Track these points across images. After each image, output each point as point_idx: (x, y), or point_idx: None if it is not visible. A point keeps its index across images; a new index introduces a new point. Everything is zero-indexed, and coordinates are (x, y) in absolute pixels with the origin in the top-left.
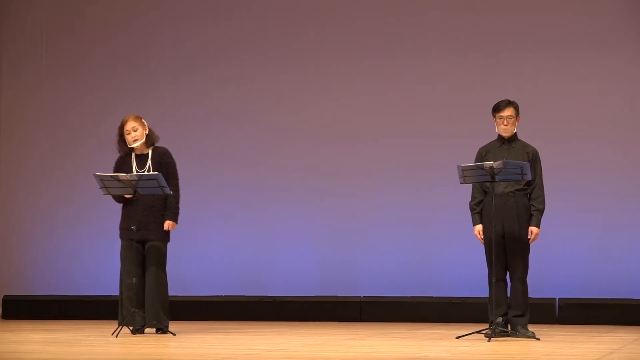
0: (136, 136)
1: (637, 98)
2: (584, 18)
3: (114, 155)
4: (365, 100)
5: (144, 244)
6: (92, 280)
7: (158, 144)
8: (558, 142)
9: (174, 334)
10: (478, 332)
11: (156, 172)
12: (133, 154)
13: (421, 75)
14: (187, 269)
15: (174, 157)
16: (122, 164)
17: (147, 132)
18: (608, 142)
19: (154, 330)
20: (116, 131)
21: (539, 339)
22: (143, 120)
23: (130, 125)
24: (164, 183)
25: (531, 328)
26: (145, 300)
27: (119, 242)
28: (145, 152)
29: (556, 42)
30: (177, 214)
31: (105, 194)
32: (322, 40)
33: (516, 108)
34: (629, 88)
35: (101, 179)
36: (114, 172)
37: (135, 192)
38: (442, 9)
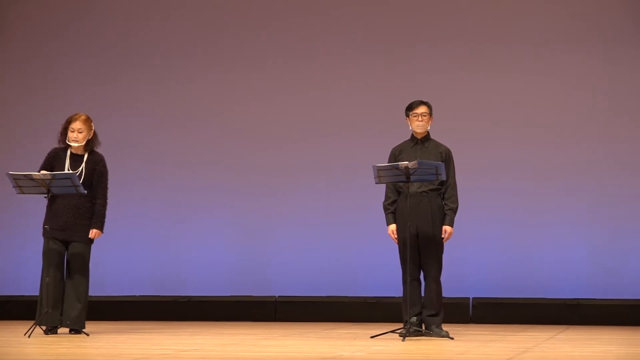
0: (78, 137)
1: (550, 97)
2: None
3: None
4: (280, 101)
5: (68, 244)
6: (7, 280)
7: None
8: (472, 142)
9: (88, 334)
10: (392, 331)
11: (70, 172)
12: (69, 152)
13: (335, 75)
14: (101, 269)
15: (107, 166)
16: (56, 158)
17: (90, 137)
18: (521, 143)
19: (67, 330)
20: (56, 129)
21: (452, 338)
22: (92, 124)
23: (77, 125)
24: (77, 182)
25: (445, 327)
26: (65, 300)
27: (36, 241)
28: (81, 153)
29: (477, 40)
30: (103, 223)
31: (18, 193)
32: (243, 41)
33: (429, 107)
34: (549, 87)
35: (15, 178)
36: (45, 163)
37: (48, 191)
38: (359, 5)
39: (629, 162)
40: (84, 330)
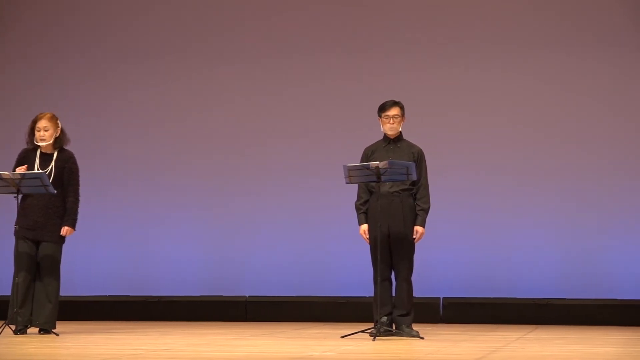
0: (45, 136)
1: (524, 97)
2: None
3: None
4: (253, 101)
5: (38, 244)
6: None
7: (67, 147)
8: (444, 143)
9: (57, 335)
10: (363, 331)
11: (40, 172)
12: (38, 152)
13: (307, 74)
14: (72, 269)
15: (77, 163)
16: (26, 158)
17: (57, 134)
18: (492, 145)
19: (37, 330)
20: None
21: (423, 338)
22: (58, 121)
23: (43, 124)
24: (47, 182)
25: (416, 327)
26: (35, 300)
27: (8, 241)
28: (50, 152)
29: (449, 39)
30: (75, 220)
31: None
32: (219, 41)
33: (402, 108)
34: (523, 86)
35: None
36: (16, 164)
37: (18, 190)
38: (335, 4)
39: (598, 163)
40: (53, 330)
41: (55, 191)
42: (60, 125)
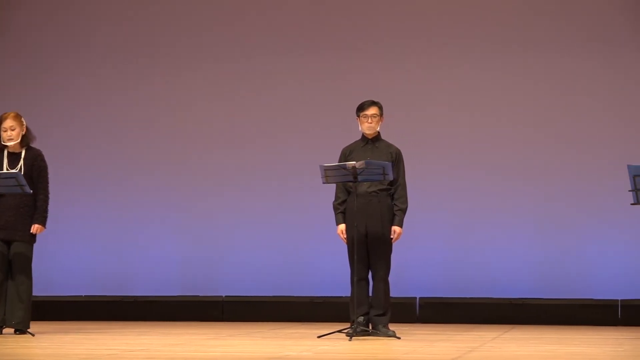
0: (12, 135)
1: (491, 100)
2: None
3: None
4: (228, 102)
5: (10, 244)
6: None
7: (33, 145)
8: (422, 143)
9: (33, 335)
10: (339, 331)
11: (15, 171)
12: (6, 152)
13: (285, 75)
14: (47, 268)
15: (46, 160)
16: None
17: (24, 132)
18: (469, 145)
19: (12, 330)
20: None
21: (399, 338)
22: (22, 119)
23: (8, 124)
24: (23, 182)
25: (392, 327)
26: (8, 300)
27: None
28: (18, 151)
29: (419, 38)
30: (45, 217)
31: None
32: (189, 43)
33: (380, 108)
34: (498, 86)
35: None
36: None
37: None
38: (310, 3)
39: (575, 165)
40: (28, 330)
41: (32, 191)
42: (25, 123)
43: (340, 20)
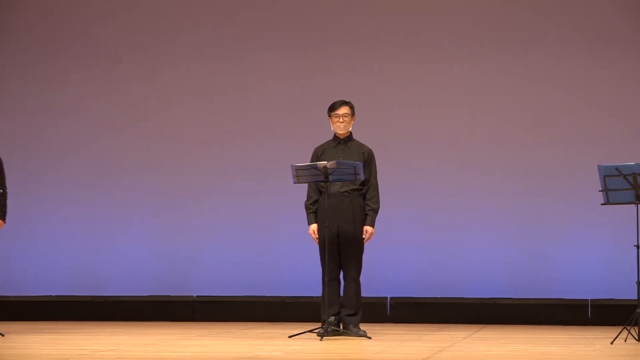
0: None
1: (465, 100)
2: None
3: None
4: (199, 102)
5: None
6: None
7: None
8: (393, 143)
9: (3, 335)
10: (310, 331)
11: None
12: None
13: (256, 75)
14: (17, 268)
15: (1, 157)
16: None
17: None
18: (441, 145)
19: None
20: None
21: (370, 338)
22: None
23: None
24: None
25: (363, 327)
26: None
27: None
28: None
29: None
30: (5, 213)
31: None
32: (160, 43)
33: (352, 107)
34: (471, 85)
35: None
36: None
37: None
38: (280, 3)
39: (545, 166)
40: None
41: (1, 190)
42: None
43: (315, 19)
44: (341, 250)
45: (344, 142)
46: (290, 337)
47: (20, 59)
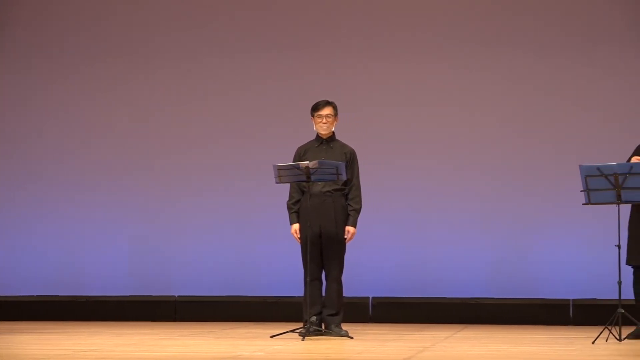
0: None
1: (444, 99)
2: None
3: None
4: (183, 102)
5: None
6: None
7: None
8: (374, 143)
9: None
10: (292, 331)
11: None
12: None
13: (241, 75)
14: None
15: None
16: None
17: None
18: (421, 144)
19: None
20: None
21: (352, 338)
22: None
23: None
24: None
25: (345, 327)
26: None
27: None
28: None
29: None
30: None
31: None
32: (145, 44)
33: (335, 108)
34: (450, 85)
35: None
36: None
37: None
38: (265, 3)
39: (528, 165)
40: None
41: None
42: None
43: (299, 20)
44: (323, 250)
45: (326, 142)
46: (272, 337)
47: (16, 58)
